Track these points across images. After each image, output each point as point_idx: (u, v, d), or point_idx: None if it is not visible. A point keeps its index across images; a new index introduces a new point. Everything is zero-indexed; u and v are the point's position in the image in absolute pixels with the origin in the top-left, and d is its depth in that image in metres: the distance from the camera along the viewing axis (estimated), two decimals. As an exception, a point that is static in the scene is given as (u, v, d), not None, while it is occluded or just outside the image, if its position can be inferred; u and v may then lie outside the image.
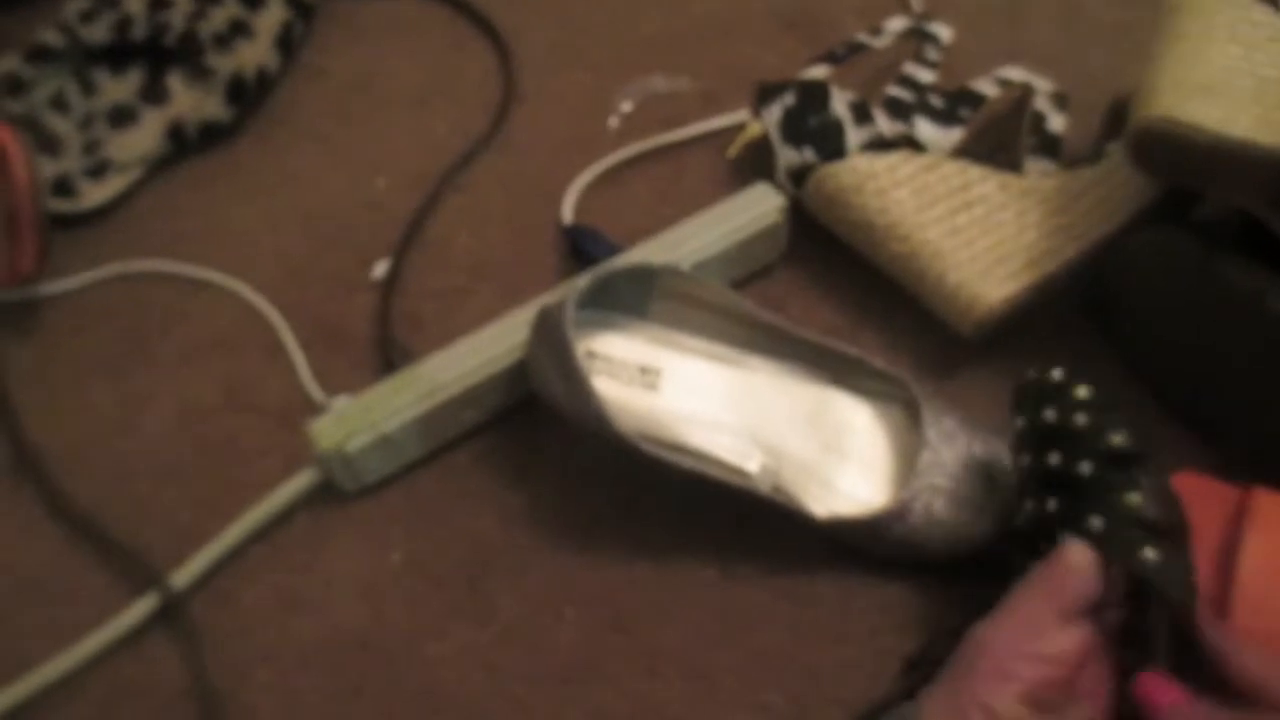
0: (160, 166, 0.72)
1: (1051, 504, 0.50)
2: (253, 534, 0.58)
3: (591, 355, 0.58)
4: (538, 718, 0.53)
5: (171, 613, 0.56)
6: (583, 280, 0.55)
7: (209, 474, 0.61)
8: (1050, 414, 0.51)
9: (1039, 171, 0.63)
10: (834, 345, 0.58)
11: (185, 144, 0.72)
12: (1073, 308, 0.63)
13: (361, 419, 0.58)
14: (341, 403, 0.61)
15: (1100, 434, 0.50)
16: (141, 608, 0.56)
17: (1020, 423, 0.53)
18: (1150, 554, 0.47)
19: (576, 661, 0.55)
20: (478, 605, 0.56)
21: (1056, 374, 0.52)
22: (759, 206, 0.64)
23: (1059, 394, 0.51)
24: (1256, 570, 0.52)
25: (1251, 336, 0.55)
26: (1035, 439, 0.51)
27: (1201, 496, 0.56)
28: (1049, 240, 0.61)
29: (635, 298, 0.59)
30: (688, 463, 0.54)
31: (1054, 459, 0.50)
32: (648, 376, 0.59)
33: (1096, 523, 0.48)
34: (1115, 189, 0.61)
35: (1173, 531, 0.48)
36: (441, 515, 0.59)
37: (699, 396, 0.58)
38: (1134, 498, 0.48)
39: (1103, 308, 0.62)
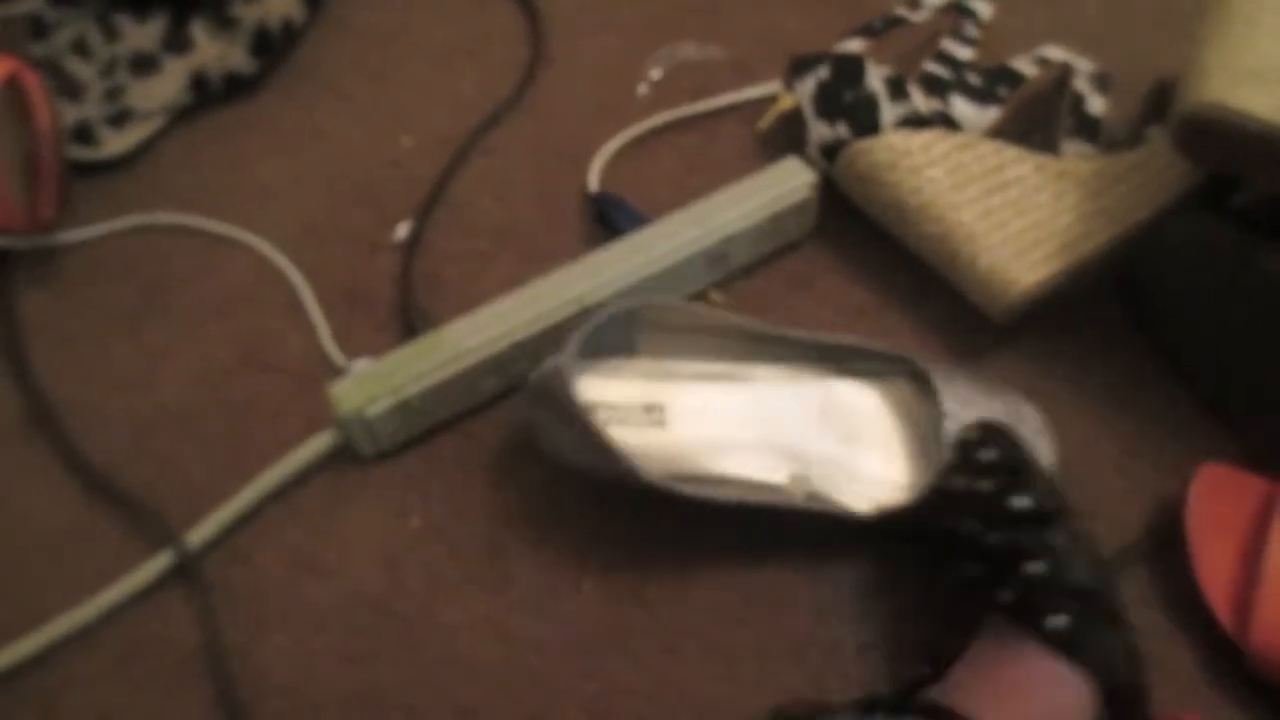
0: (182, 116, 0.71)
1: (973, 569, 0.49)
2: (269, 495, 0.58)
3: (592, 407, 0.56)
4: (553, 688, 0.53)
5: (186, 571, 0.56)
6: (572, 341, 0.53)
7: (227, 433, 0.60)
8: (959, 481, 0.51)
9: (1076, 154, 0.62)
10: (828, 338, 0.57)
11: (208, 94, 0.71)
12: (1105, 293, 0.62)
13: (383, 383, 0.57)
14: (362, 366, 0.60)
15: (1005, 498, 0.49)
16: (156, 565, 0.56)
17: (957, 483, 0.52)
18: (1057, 622, 0.46)
19: (594, 634, 0.54)
20: (495, 574, 0.56)
21: (972, 434, 0.51)
22: (789, 181, 0.63)
23: (967, 457, 0.51)
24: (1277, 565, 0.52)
25: (1267, 313, 0.54)
26: (955, 503, 0.51)
27: (1231, 488, 0.56)
28: (1084, 224, 0.60)
29: (620, 335, 0.58)
30: (720, 494, 0.53)
31: (969, 525, 0.49)
32: (653, 414, 0.57)
33: (1005, 596, 0.47)
34: (1154, 174, 0.60)
35: (1088, 595, 0.47)
36: (461, 483, 0.59)
37: (709, 421, 0.57)
38: (1036, 566, 0.47)
39: (1136, 294, 0.61)
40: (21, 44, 0.69)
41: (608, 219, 0.66)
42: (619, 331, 0.57)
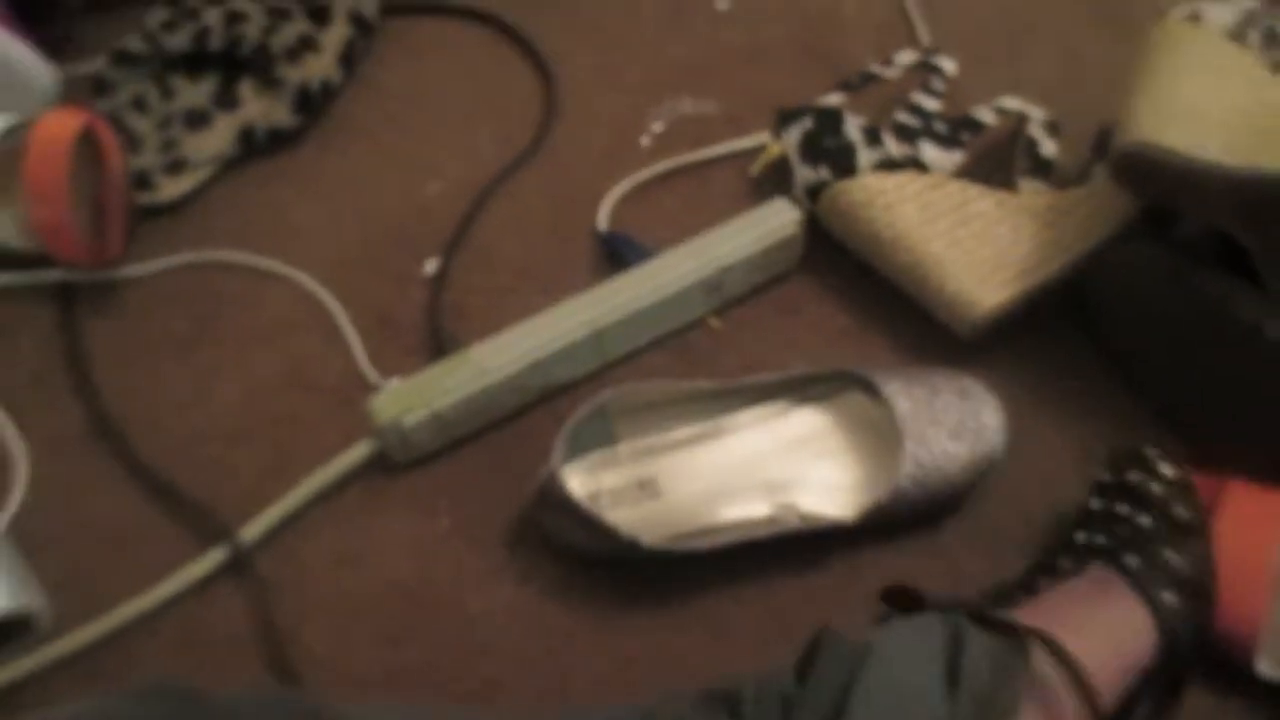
0: (231, 166, 0.79)
1: (1099, 539, 0.57)
2: (314, 497, 0.64)
3: (595, 497, 0.62)
4: (570, 664, 0.59)
5: (239, 564, 0.62)
6: (556, 450, 0.59)
7: (272, 444, 0.67)
8: (1134, 476, 0.59)
9: (1032, 191, 0.70)
10: (779, 376, 0.64)
11: (254, 146, 0.79)
12: (1063, 312, 0.69)
13: (417, 397, 0.64)
14: (396, 384, 0.67)
15: (1170, 503, 0.57)
16: (213, 558, 0.62)
17: (1106, 477, 0.60)
18: (1170, 599, 0.54)
19: (608, 617, 0.61)
20: (518, 567, 0.63)
21: (1150, 450, 0.60)
22: (778, 219, 0.70)
23: (1147, 464, 0.59)
24: (1228, 549, 0.58)
25: (1218, 340, 0.61)
26: (1112, 491, 0.59)
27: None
28: (1040, 252, 0.67)
29: (598, 429, 0.63)
30: (723, 540, 0.60)
31: (1122, 508, 0.58)
32: (648, 488, 0.63)
33: (1133, 561, 0.55)
34: (1100, 207, 0.67)
35: (1198, 595, 0.55)
36: (486, 487, 0.65)
37: (698, 480, 0.63)
38: (1175, 556, 0.55)
39: (1089, 313, 0.68)
40: (86, 101, 0.77)
41: (616, 255, 0.73)
42: (597, 426, 0.63)
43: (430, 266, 0.74)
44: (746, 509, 0.62)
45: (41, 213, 0.68)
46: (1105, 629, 0.52)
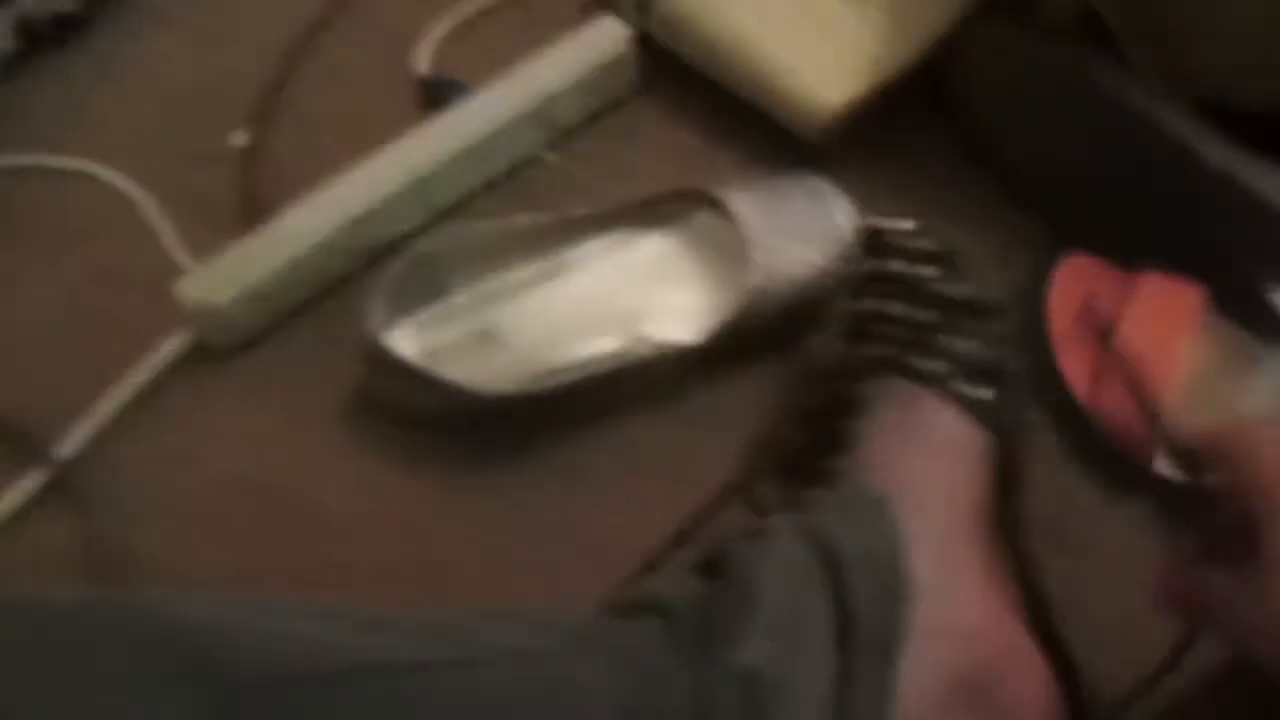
0: (17, 63, 0.72)
1: (876, 349, 0.51)
2: (134, 399, 0.59)
3: (432, 356, 0.57)
4: (426, 533, 0.56)
5: (59, 483, 0.57)
6: (372, 311, 0.54)
7: (88, 349, 0.61)
8: (897, 265, 0.53)
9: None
10: (619, 203, 0.59)
11: (38, 38, 0.72)
12: (922, 105, 0.64)
13: (227, 274, 0.59)
14: (205, 266, 0.61)
15: (944, 284, 0.52)
16: (32, 480, 0.57)
17: (867, 267, 0.54)
18: (983, 393, 0.50)
19: (462, 479, 0.57)
20: (357, 442, 0.58)
21: (907, 224, 0.54)
22: (605, 39, 0.65)
23: (907, 244, 0.54)
24: (1132, 341, 0.55)
25: (1083, 119, 0.57)
26: (879, 286, 0.53)
27: (1092, 275, 0.59)
28: (888, 44, 0.63)
29: (428, 281, 0.58)
30: (571, 378, 0.55)
31: (896, 309, 0.52)
32: (488, 337, 0.58)
33: (935, 365, 0.50)
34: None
35: (1006, 375, 0.51)
36: (317, 363, 0.61)
37: (541, 322, 0.59)
38: (967, 343, 0.50)
39: (946, 103, 0.64)
40: None
41: (441, 101, 0.67)
42: (425, 278, 0.58)
43: (240, 137, 0.68)
44: (595, 345, 0.58)
45: None
46: (941, 460, 0.48)
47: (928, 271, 0.52)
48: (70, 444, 0.58)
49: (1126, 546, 0.55)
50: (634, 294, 0.59)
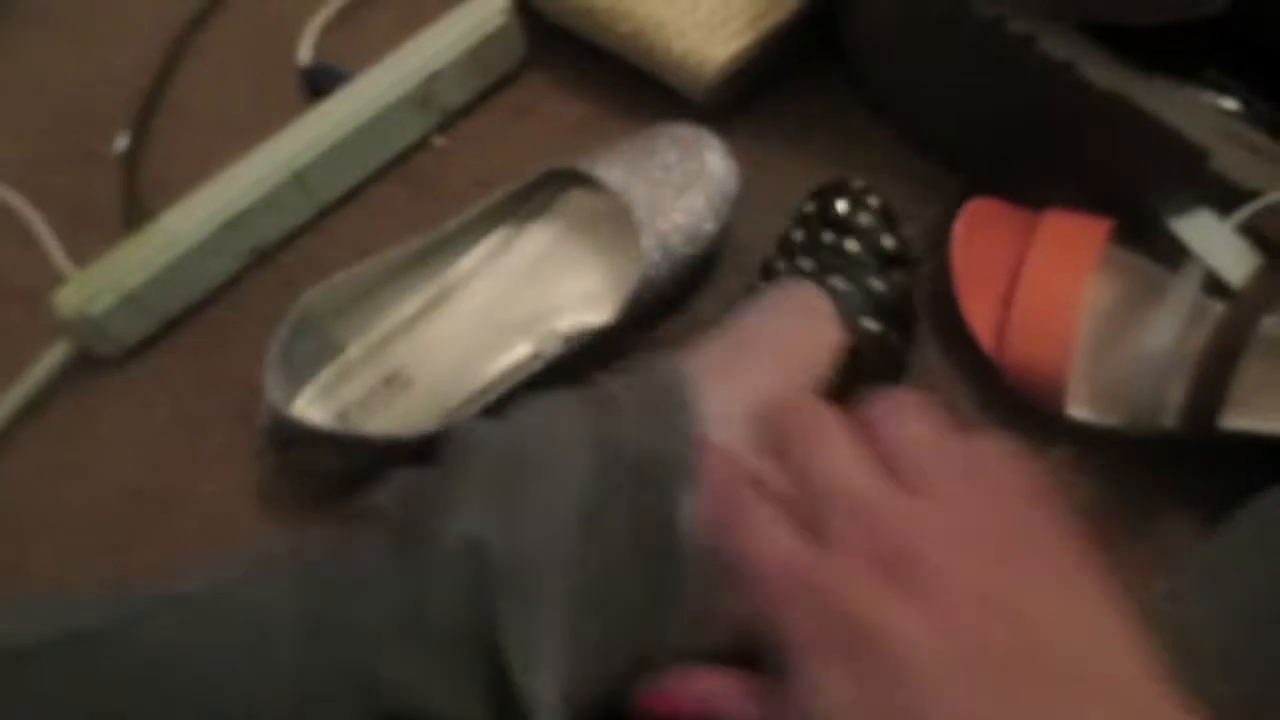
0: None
1: (805, 264, 0.52)
2: (16, 414, 0.57)
3: (343, 416, 0.54)
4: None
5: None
6: (270, 383, 0.50)
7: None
8: (842, 205, 0.54)
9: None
10: (482, 205, 0.56)
11: (-91, 52, 0.70)
12: (817, 59, 0.63)
13: (104, 280, 0.57)
14: (80, 273, 0.60)
15: (879, 234, 0.53)
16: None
17: (810, 208, 0.55)
18: (872, 325, 0.50)
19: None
20: (246, 445, 0.56)
21: (858, 182, 0.55)
22: (483, 12, 0.63)
23: (854, 195, 0.54)
24: (1033, 285, 0.53)
25: (965, 49, 0.55)
26: (817, 221, 0.54)
27: (995, 220, 0.57)
28: (770, -5, 0.61)
29: (316, 343, 0.55)
30: (492, 397, 0.53)
31: (827, 236, 0.53)
32: (396, 381, 0.55)
33: (839, 283, 0.50)
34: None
35: (899, 324, 0.52)
36: (203, 367, 0.59)
37: (445, 349, 0.56)
38: (879, 283, 0.51)
39: (838, 51, 0.62)
40: None
41: (324, 90, 0.65)
42: (311, 340, 0.54)
43: (121, 142, 0.66)
44: (506, 357, 0.55)
45: None
46: (793, 322, 0.48)
47: (865, 220, 0.53)
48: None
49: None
50: (530, 294, 0.57)
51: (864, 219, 0.53)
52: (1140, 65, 0.52)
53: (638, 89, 0.63)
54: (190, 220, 0.58)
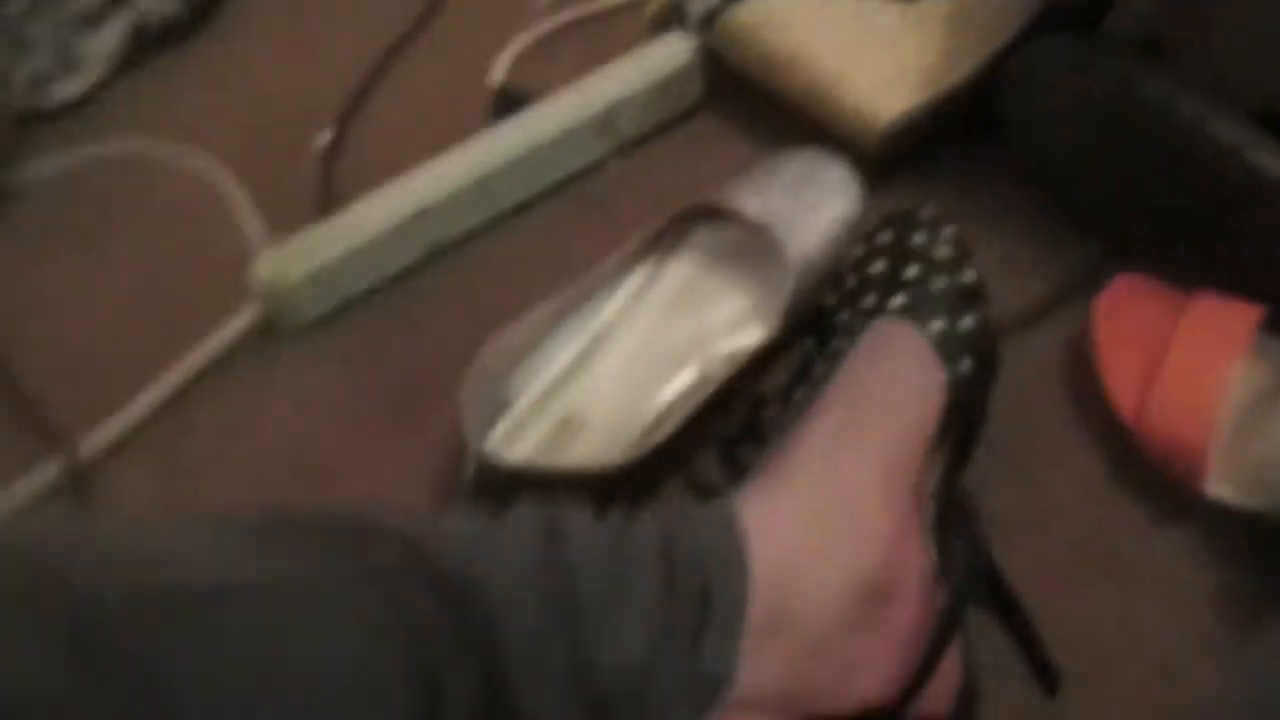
0: (125, 63, 0.77)
1: (897, 301, 0.53)
2: (201, 369, 0.62)
3: (529, 463, 0.55)
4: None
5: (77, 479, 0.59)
6: (471, 433, 0.52)
7: (161, 329, 0.64)
8: (919, 239, 0.55)
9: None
10: (626, 247, 0.59)
11: (146, 41, 0.77)
12: (976, 126, 0.65)
13: (297, 256, 0.62)
14: (278, 247, 0.65)
15: (960, 269, 0.54)
16: (98, 439, 0.60)
17: (885, 238, 0.56)
18: (966, 367, 0.51)
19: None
20: (410, 424, 0.60)
21: (928, 211, 0.56)
22: (669, 51, 0.67)
23: (930, 225, 0.55)
24: (1181, 362, 0.54)
25: (1133, 130, 0.57)
26: (895, 253, 0.55)
27: (1143, 295, 0.58)
28: (945, 59, 0.63)
29: (488, 404, 0.56)
30: (675, 426, 0.55)
31: (910, 271, 0.54)
32: (571, 425, 0.57)
33: (937, 324, 0.51)
34: (1008, 6, 0.63)
35: (986, 362, 0.52)
36: (374, 348, 0.63)
37: (615, 388, 0.58)
38: (969, 321, 0.52)
39: (1001, 122, 0.64)
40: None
41: (513, 110, 0.70)
42: (485, 402, 0.55)
43: (324, 138, 0.71)
44: (675, 385, 0.57)
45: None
46: (899, 387, 0.49)
47: (944, 252, 0.54)
48: (133, 413, 0.60)
49: (1175, 571, 0.54)
50: (683, 323, 0.60)
51: (942, 251, 0.54)
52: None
53: (804, 137, 0.66)
54: (379, 211, 0.63)
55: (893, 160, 0.64)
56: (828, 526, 0.44)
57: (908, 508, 0.46)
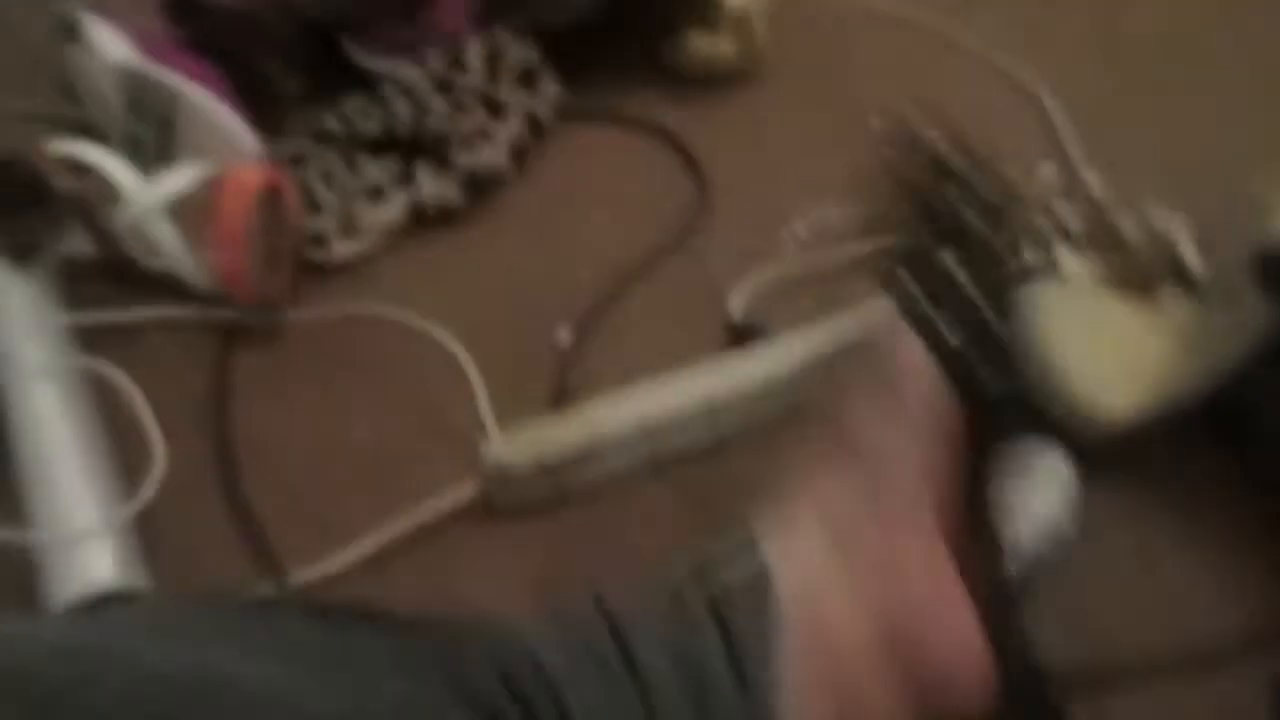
0: (399, 235, 0.85)
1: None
2: (410, 532, 0.65)
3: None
4: None
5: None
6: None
7: (385, 483, 0.69)
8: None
9: (1173, 302, 0.67)
10: None
11: (423, 220, 0.85)
12: (1200, 428, 0.65)
13: (526, 444, 0.66)
14: (510, 433, 0.68)
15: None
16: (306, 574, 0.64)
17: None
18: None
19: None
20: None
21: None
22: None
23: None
24: None
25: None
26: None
27: None
28: (1179, 364, 0.64)
29: None
30: None
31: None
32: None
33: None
34: (1246, 320, 0.64)
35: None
36: (575, 548, 0.65)
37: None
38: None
39: (1232, 432, 0.64)
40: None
41: (747, 341, 0.73)
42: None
43: (565, 338, 0.76)
44: None
45: (223, 257, 0.75)
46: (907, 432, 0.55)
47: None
48: (344, 557, 0.64)
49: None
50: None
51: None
52: None
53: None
54: (612, 415, 0.66)
55: (1115, 452, 0.65)
56: None
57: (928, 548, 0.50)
